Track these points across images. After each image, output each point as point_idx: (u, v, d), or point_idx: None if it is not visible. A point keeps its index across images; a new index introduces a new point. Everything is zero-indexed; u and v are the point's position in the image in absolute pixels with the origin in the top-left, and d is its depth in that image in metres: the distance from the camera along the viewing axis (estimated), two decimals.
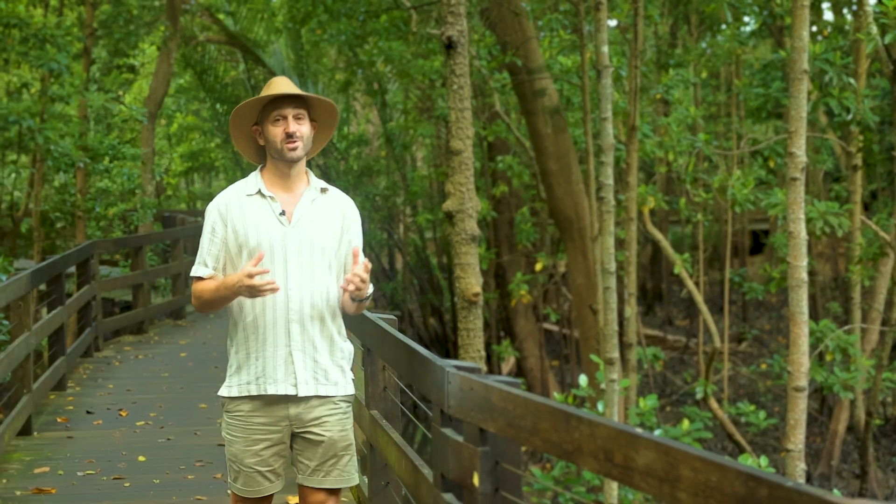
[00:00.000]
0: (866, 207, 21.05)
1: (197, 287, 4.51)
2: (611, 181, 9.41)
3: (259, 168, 4.61)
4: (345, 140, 25.88)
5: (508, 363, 20.94)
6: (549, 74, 14.78)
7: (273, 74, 28.18)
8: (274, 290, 4.25)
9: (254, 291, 4.25)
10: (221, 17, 26.77)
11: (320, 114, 4.61)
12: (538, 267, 20.02)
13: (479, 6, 14.66)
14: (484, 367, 6.17)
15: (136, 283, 15.49)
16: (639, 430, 3.44)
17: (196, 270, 4.53)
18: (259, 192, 4.50)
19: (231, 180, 33.76)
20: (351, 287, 4.35)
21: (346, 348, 4.63)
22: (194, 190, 37.22)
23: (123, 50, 20.77)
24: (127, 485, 7.59)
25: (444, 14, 5.77)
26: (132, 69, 22.89)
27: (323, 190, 4.60)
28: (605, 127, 9.22)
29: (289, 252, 4.44)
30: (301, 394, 4.42)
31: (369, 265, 4.42)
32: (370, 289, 4.48)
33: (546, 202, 15.93)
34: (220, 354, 13.49)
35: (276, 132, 4.45)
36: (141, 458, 8.32)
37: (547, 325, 23.03)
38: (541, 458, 17.03)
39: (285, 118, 4.44)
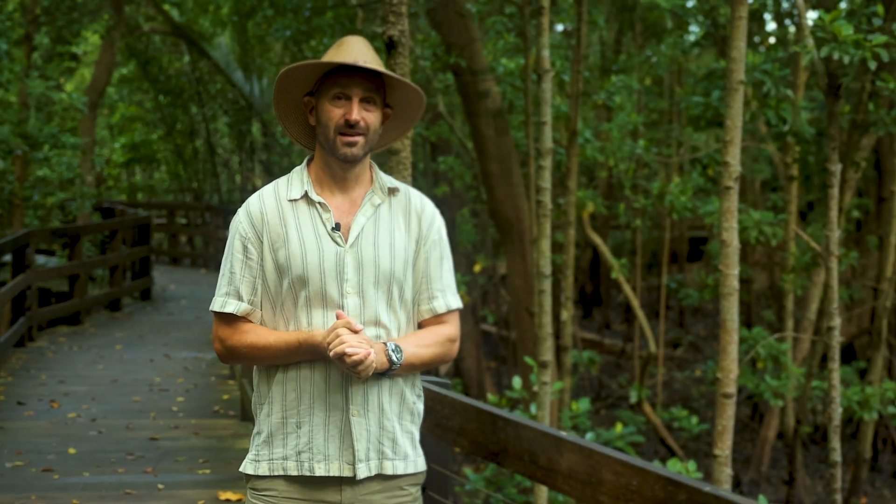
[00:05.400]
0: (804, 218, 21.33)
1: (234, 335, 3.28)
2: (548, 185, 9.46)
3: (305, 161, 3.40)
4: (288, 136, 25.76)
5: (446, 364, 20.97)
6: (493, 77, 14.85)
7: (218, 67, 28.10)
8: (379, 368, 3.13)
9: (352, 366, 3.09)
10: (167, 7, 26.60)
11: (401, 98, 3.39)
12: (477, 268, 20.09)
13: (425, 6, 14.68)
14: None
15: (72, 273, 15.36)
16: (563, 434, 3.49)
17: (224, 305, 3.28)
18: (305, 196, 3.29)
19: (173, 173, 33.56)
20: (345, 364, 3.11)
21: (419, 409, 3.43)
22: (135, 181, 36.90)
23: (66, 37, 20.54)
24: (56, 477, 7.54)
25: (385, 13, 5.80)
26: (74, 57, 22.66)
27: (391, 190, 3.37)
28: (543, 131, 9.28)
29: (346, 281, 3.23)
30: (360, 476, 3.23)
31: (343, 315, 3.17)
32: (398, 354, 3.23)
33: (487, 204, 16.00)
34: (156, 348, 13.47)
35: (332, 115, 3.23)
36: (71, 451, 8.26)
37: (485, 327, 23.11)
38: (475, 459, 17.10)
39: (349, 99, 3.23)
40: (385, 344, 3.22)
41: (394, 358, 3.21)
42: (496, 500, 11.56)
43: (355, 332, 3.10)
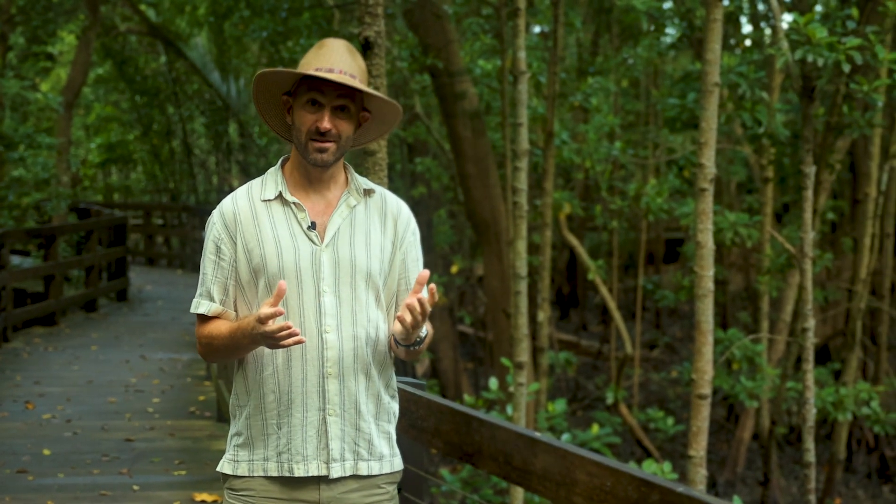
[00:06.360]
0: (779, 219, 21.41)
1: (204, 331, 3.31)
2: (524, 186, 9.49)
3: (280, 162, 3.42)
4: (265, 137, 25.75)
5: (423, 365, 20.99)
6: (470, 78, 14.87)
7: (194, 68, 28.02)
8: (298, 342, 3.06)
9: (271, 341, 3.07)
10: (143, 7, 26.51)
11: (379, 105, 3.39)
12: (454, 269, 20.11)
13: (402, 7, 14.68)
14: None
15: (48, 274, 15.29)
16: (537, 434, 3.50)
17: (197, 306, 3.33)
18: (280, 196, 3.31)
19: (149, 173, 33.45)
20: (408, 319, 3.12)
21: (394, 409, 3.47)
22: (111, 182, 36.77)
23: (41, 37, 20.46)
24: (30, 478, 7.51)
25: (361, 14, 5.80)
26: (50, 57, 22.57)
27: (367, 192, 3.39)
28: (519, 132, 9.31)
29: (322, 280, 3.25)
30: (334, 475, 3.27)
31: (436, 293, 3.14)
32: (425, 329, 3.31)
33: (464, 205, 16.02)
34: (132, 349, 13.43)
35: (305, 120, 3.24)
36: (46, 452, 8.24)
37: (462, 328, 23.12)
38: (451, 460, 17.10)
39: (321, 107, 3.23)
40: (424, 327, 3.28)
41: (418, 342, 3.29)
42: (472, 501, 11.57)
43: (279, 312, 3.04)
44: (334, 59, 3.24)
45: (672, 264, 27.72)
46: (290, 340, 3.04)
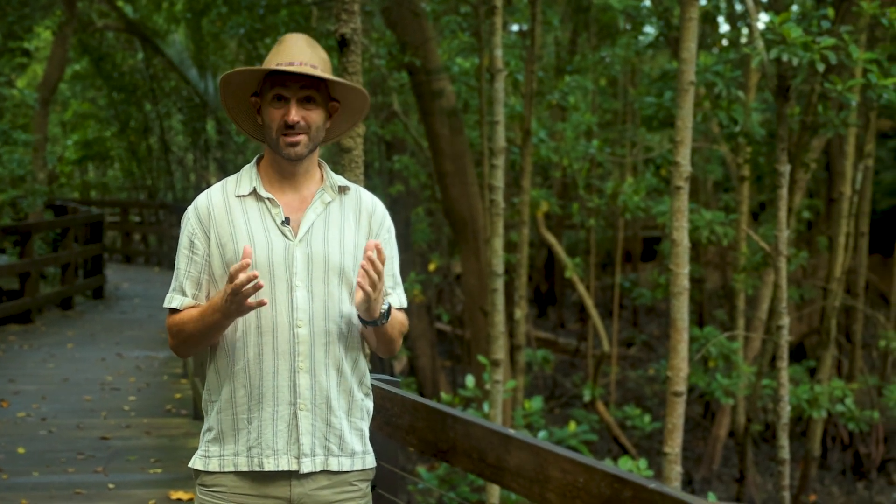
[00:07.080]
0: (755, 218, 21.49)
1: (174, 321, 3.31)
2: (501, 184, 9.52)
3: (255, 159, 3.43)
4: (243, 134, 25.68)
5: (401, 362, 20.98)
6: (448, 76, 14.87)
7: (172, 65, 27.91)
8: (260, 304, 3.07)
9: (239, 299, 3.05)
10: (120, 4, 26.40)
11: (346, 93, 3.39)
12: (431, 267, 20.11)
13: (380, 5, 14.67)
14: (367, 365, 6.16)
15: (23, 271, 15.22)
16: (511, 431, 3.51)
17: (170, 301, 3.33)
18: (254, 192, 3.32)
19: (127, 170, 33.32)
20: (366, 284, 3.14)
21: (367, 406, 3.47)
22: (88, 179, 36.63)
23: (17, 33, 20.35)
24: (4, 477, 7.48)
25: (338, 12, 5.81)
26: (26, 53, 22.44)
27: (342, 189, 3.41)
28: (496, 130, 9.34)
29: (295, 275, 3.25)
30: (304, 470, 3.27)
31: (384, 254, 3.20)
32: (387, 302, 3.32)
33: (442, 203, 16.02)
34: (108, 347, 13.38)
35: (274, 116, 3.26)
36: (20, 450, 8.21)
37: (440, 326, 23.12)
38: (429, 458, 17.09)
39: (287, 101, 3.25)
40: (385, 300, 3.30)
41: (383, 317, 3.28)
42: (449, 499, 11.58)
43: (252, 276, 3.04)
44: (294, 53, 3.26)
45: (649, 262, 27.80)
46: (254, 302, 3.05)
